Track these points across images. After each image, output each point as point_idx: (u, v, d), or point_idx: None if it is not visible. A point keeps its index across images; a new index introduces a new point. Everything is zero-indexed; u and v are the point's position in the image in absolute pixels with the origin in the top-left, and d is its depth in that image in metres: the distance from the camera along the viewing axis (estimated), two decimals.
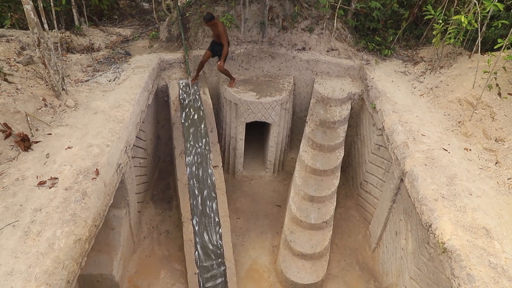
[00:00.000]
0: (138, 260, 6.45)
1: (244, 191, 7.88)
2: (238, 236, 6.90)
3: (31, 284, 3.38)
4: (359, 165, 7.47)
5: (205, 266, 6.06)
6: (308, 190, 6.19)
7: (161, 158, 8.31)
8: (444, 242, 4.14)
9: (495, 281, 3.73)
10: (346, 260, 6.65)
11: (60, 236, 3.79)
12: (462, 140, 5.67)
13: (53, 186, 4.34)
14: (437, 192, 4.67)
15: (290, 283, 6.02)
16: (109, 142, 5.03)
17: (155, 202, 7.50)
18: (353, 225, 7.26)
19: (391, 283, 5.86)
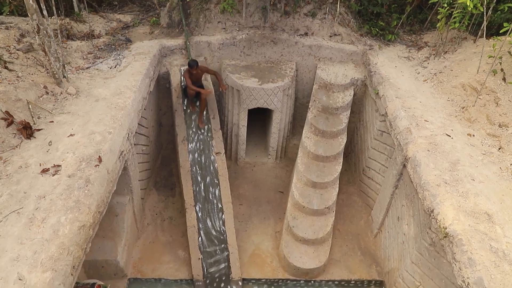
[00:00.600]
0: (142, 246, 6.52)
1: (246, 177, 7.91)
2: (241, 222, 6.96)
3: (37, 270, 3.43)
4: (362, 151, 7.46)
5: (209, 252, 6.13)
6: (310, 176, 6.20)
7: (164, 145, 8.33)
8: (446, 227, 4.16)
9: (496, 265, 3.75)
10: (348, 245, 6.70)
11: (65, 223, 3.83)
12: (466, 126, 5.64)
13: (56, 173, 4.36)
14: (440, 177, 4.66)
15: (293, 268, 6.09)
16: (111, 129, 5.03)
17: (158, 189, 7.54)
18: (355, 211, 7.29)
19: (392, 267, 5.91)
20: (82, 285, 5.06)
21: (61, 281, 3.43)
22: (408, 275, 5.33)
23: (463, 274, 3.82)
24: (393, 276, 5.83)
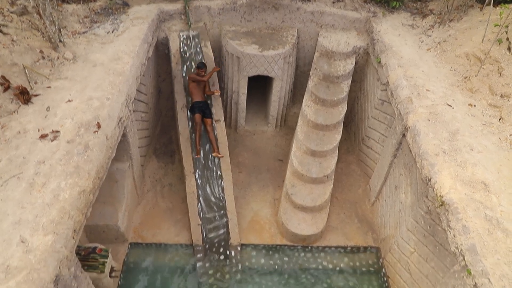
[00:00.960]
0: (142, 212, 6.63)
1: (246, 145, 7.92)
2: (240, 189, 7.03)
3: (38, 233, 3.49)
4: (362, 120, 7.43)
5: (208, 218, 6.23)
6: (310, 144, 6.21)
7: (163, 112, 8.28)
8: (442, 196, 4.21)
9: (489, 233, 3.82)
10: (345, 213, 6.80)
11: (65, 188, 3.86)
12: (467, 96, 5.59)
13: (55, 139, 4.36)
14: (439, 147, 4.67)
15: (291, 234, 6.21)
16: (109, 95, 4.98)
17: (157, 156, 7.57)
18: (354, 180, 7.36)
19: (388, 234, 6.03)
20: (84, 248, 5.18)
21: (63, 244, 3.50)
22: (403, 242, 5.45)
23: (457, 241, 3.90)
24: (389, 243, 5.96)
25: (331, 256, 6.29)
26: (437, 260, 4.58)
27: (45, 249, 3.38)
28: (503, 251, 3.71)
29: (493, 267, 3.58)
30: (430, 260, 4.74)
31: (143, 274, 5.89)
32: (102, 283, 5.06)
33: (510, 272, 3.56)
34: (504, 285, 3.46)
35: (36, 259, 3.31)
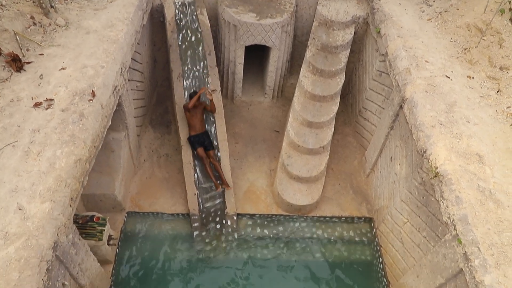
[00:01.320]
0: (139, 181, 6.66)
1: (242, 116, 7.89)
2: (237, 160, 7.06)
3: (36, 201, 3.51)
4: (359, 92, 7.38)
5: (204, 188, 6.28)
6: (306, 115, 6.19)
7: (159, 82, 8.17)
8: (437, 167, 4.25)
9: (481, 203, 3.89)
10: (340, 184, 6.88)
11: (60, 156, 3.86)
12: (466, 68, 5.53)
13: (49, 107, 4.31)
14: (435, 119, 4.67)
15: (286, 204, 6.29)
16: (103, 63, 4.89)
17: (154, 127, 7.54)
18: (350, 151, 7.39)
19: (382, 205, 6.13)
20: (82, 217, 5.23)
21: (60, 212, 3.53)
22: (396, 212, 5.54)
23: (449, 211, 3.97)
24: (382, 214, 6.06)
25: (325, 226, 6.41)
26: (429, 230, 4.68)
27: (43, 216, 3.41)
28: (493, 221, 3.79)
29: (483, 237, 3.67)
30: (422, 230, 4.84)
31: (140, 242, 6.00)
32: (101, 251, 5.15)
33: (499, 241, 3.65)
34: (493, 253, 3.55)
35: (34, 226, 3.34)
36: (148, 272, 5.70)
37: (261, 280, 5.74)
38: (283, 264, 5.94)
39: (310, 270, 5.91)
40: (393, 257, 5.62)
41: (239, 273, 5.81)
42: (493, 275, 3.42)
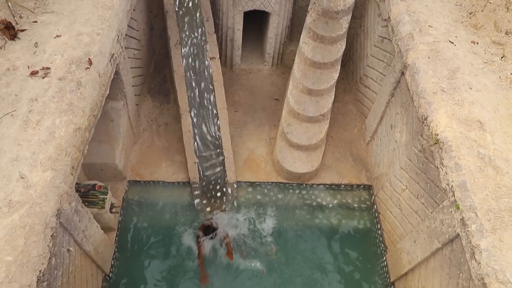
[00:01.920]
0: (139, 151, 6.68)
1: (242, 84, 7.80)
2: (236, 128, 7.05)
3: (37, 169, 3.53)
4: (360, 59, 7.26)
5: (204, 156, 6.30)
6: (306, 83, 6.10)
7: (156, 50, 8.02)
8: (437, 134, 4.24)
9: (481, 170, 3.91)
10: (340, 152, 6.90)
11: (60, 125, 3.84)
12: (471, 33, 5.41)
13: (46, 76, 4.25)
14: (437, 85, 4.61)
15: (286, 172, 6.34)
16: (99, 31, 4.77)
17: (152, 95, 7.47)
18: (350, 119, 7.37)
19: (381, 173, 6.17)
20: (84, 186, 5.28)
21: (62, 180, 3.55)
22: (395, 179, 5.59)
23: (448, 178, 4.00)
24: (381, 181, 6.12)
25: (324, 193, 6.48)
26: (428, 197, 4.74)
27: (45, 185, 3.43)
28: (492, 187, 3.82)
29: (481, 202, 3.71)
30: (420, 197, 4.90)
31: (142, 210, 6.09)
32: (103, 218, 5.23)
33: (497, 206, 3.70)
34: (490, 219, 3.61)
35: (37, 194, 3.37)
36: (151, 239, 5.83)
37: (261, 245, 5.87)
38: (283, 231, 6.06)
39: (309, 236, 6.04)
40: (391, 223, 5.73)
41: (239, 240, 5.93)
42: (489, 239, 3.49)
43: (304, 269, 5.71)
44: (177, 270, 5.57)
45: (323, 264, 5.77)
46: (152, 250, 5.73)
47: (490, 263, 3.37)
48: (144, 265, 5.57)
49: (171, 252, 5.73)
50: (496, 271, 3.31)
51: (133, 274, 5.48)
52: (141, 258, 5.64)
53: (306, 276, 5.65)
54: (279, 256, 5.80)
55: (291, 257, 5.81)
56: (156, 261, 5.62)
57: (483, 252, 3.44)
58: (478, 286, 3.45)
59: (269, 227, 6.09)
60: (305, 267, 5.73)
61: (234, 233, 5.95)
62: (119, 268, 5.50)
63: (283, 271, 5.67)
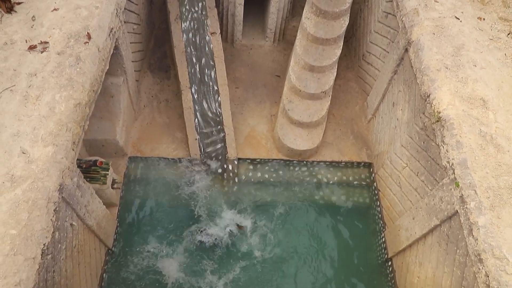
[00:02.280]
0: (140, 127, 6.67)
1: (243, 60, 7.71)
2: (237, 105, 7.01)
3: (38, 144, 3.53)
4: (363, 35, 7.14)
5: (205, 133, 6.30)
6: (308, 59, 6.02)
7: (156, 25, 7.88)
8: (439, 112, 4.22)
9: (482, 148, 3.91)
10: (341, 130, 6.89)
11: (60, 100, 3.82)
12: (477, 8, 5.30)
13: (44, 50, 4.19)
14: (441, 62, 4.55)
15: (287, 149, 6.35)
16: (97, 4, 4.68)
17: (152, 72, 7.39)
18: (351, 97, 7.32)
19: (382, 150, 6.18)
20: (85, 162, 5.29)
21: (64, 155, 3.56)
22: (396, 157, 5.60)
23: (449, 155, 4.00)
24: (382, 159, 6.13)
25: (325, 170, 6.51)
26: (427, 174, 4.75)
27: (47, 160, 3.44)
28: (492, 165, 3.83)
29: (480, 180, 3.73)
30: (420, 174, 4.92)
31: (143, 186, 6.13)
32: (105, 194, 5.27)
33: (496, 184, 3.72)
34: (489, 196, 3.64)
35: (39, 169, 3.39)
36: (152, 214, 5.90)
37: (261, 222, 5.95)
38: (283, 208, 6.12)
39: (309, 213, 6.11)
40: (391, 200, 5.78)
41: (240, 216, 6.01)
42: (487, 216, 3.52)
43: (303, 245, 5.81)
44: (178, 243, 5.67)
45: (322, 240, 5.86)
46: (153, 224, 5.81)
47: (487, 239, 3.42)
48: (146, 239, 5.66)
49: (172, 226, 5.81)
50: (492, 247, 3.36)
51: (136, 248, 5.58)
52: (143, 232, 5.73)
53: (304, 252, 5.75)
54: (278, 233, 5.88)
55: (290, 233, 5.90)
56: (158, 235, 5.71)
57: (480, 228, 3.48)
58: (475, 261, 3.51)
59: (269, 204, 6.15)
60: (303, 243, 5.82)
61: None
62: (121, 243, 5.59)
63: (281, 248, 5.76)
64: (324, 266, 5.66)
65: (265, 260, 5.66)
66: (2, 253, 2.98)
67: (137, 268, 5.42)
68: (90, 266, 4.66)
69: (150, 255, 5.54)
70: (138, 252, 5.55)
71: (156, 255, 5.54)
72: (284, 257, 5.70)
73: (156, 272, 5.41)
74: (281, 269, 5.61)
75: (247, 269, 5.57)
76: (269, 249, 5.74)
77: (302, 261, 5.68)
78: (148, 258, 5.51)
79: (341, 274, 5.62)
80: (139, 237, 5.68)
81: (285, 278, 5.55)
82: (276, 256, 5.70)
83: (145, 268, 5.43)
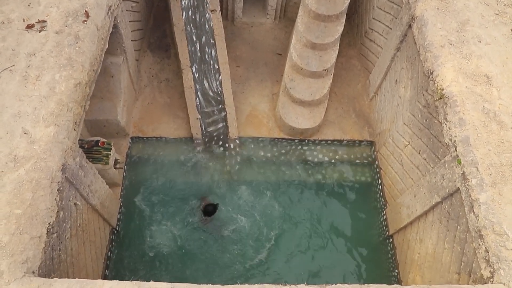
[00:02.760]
0: (141, 107, 6.65)
1: (244, 38, 7.61)
2: (238, 84, 6.96)
3: (40, 125, 3.53)
4: (366, 11, 7.01)
5: (206, 112, 6.28)
6: (310, 36, 5.93)
7: (155, 3, 7.75)
8: (443, 89, 4.18)
9: (485, 125, 3.89)
10: (343, 108, 6.85)
11: (60, 80, 3.79)
12: None
13: (42, 29, 4.14)
14: (445, 38, 4.48)
15: (288, 127, 6.33)
16: None
17: (152, 51, 7.31)
18: (354, 75, 7.25)
19: (384, 129, 6.16)
20: (87, 142, 5.31)
21: (65, 135, 3.56)
22: (398, 135, 5.59)
23: (452, 133, 3.99)
24: (384, 137, 6.12)
25: (327, 149, 6.51)
26: (430, 152, 4.75)
27: (49, 140, 3.45)
28: (494, 142, 3.82)
29: (482, 157, 3.72)
30: (422, 152, 4.92)
31: (145, 166, 6.16)
32: (108, 174, 5.30)
33: (498, 161, 3.71)
34: (490, 173, 3.64)
35: (41, 149, 3.40)
36: (155, 193, 5.95)
37: (263, 201, 6.00)
38: (285, 186, 6.16)
39: (310, 191, 6.14)
40: (392, 178, 5.80)
41: (242, 194, 6.05)
42: (489, 193, 3.53)
43: (304, 223, 5.87)
44: (180, 222, 5.74)
45: (323, 217, 5.91)
46: (156, 203, 5.86)
47: (488, 216, 3.44)
48: (149, 218, 5.73)
49: (175, 205, 5.87)
50: (493, 224, 3.39)
51: (139, 227, 5.66)
52: (146, 211, 5.79)
53: (306, 230, 5.81)
54: (279, 210, 5.93)
55: (292, 211, 5.95)
56: (160, 214, 5.78)
57: (482, 205, 3.50)
58: (475, 237, 3.55)
59: (271, 182, 6.18)
60: (305, 221, 5.88)
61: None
62: (125, 222, 5.67)
63: (282, 226, 5.82)
64: (325, 243, 5.73)
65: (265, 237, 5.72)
66: (8, 232, 3.02)
67: (141, 246, 5.51)
68: (95, 244, 4.73)
69: (154, 233, 5.62)
70: (142, 230, 5.63)
71: (160, 233, 5.62)
72: (284, 235, 5.75)
73: (160, 249, 5.50)
74: (280, 245, 5.68)
75: (248, 246, 5.65)
76: (269, 227, 5.79)
77: (302, 238, 5.74)
78: (152, 236, 5.59)
79: (341, 251, 5.69)
80: (142, 216, 5.75)
81: (284, 256, 5.61)
82: (276, 234, 5.75)
83: (149, 246, 5.52)
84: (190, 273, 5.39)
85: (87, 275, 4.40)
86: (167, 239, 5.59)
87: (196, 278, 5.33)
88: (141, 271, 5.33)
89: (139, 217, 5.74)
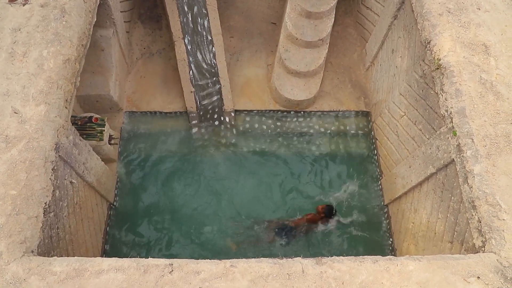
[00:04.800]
0: (134, 81, 6.53)
1: (237, 7, 7.38)
2: (232, 55, 6.82)
3: (30, 103, 3.46)
4: None
5: (201, 85, 6.18)
6: (305, 5, 5.76)
7: None
8: (440, 59, 4.10)
9: (481, 96, 3.86)
10: (339, 78, 6.76)
11: (48, 57, 3.68)
12: None
13: (26, 2, 3.98)
14: (443, 6, 4.36)
15: (284, 99, 6.27)
16: None
17: (143, 22, 7.09)
18: (350, 44, 7.10)
19: (380, 99, 6.11)
20: (80, 118, 5.24)
21: (57, 114, 3.51)
22: (394, 106, 5.55)
23: (448, 104, 3.96)
24: (380, 107, 6.08)
25: (322, 120, 6.48)
26: (425, 123, 4.74)
27: (40, 119, 3.39)
28: (490, 113, 3.80)
29: (478, 129, 3.71)
30: (418, 123, 4.90)
31: (140, 141, 6.12)
32: (103, 150, 5.27)
33: (493, 132, 3.71)
34: (485, 144, 3.64)
35: (33, 128, 3.35)
36: (151, 168, 5.95)
37: (260, 172, 6.03)
38: (281, 158, 6.17)
39: (307, 162, 6.16)
40: (388, 149, 5.81)
41: (238, 167, 6.06)
42: (483, 164, 3.55)
43: (301, 193, 5.92)
44: (176, 194, 5.77)
45: (320, 189, 5.97)
46: (153, 177, 5.88)
47: (482, 187, 3.47)
48: (146, 192, 5.76)
49: (171, 178, 5.89)
50: (486, 194, 3.42)
51: (137, 201, 5.70)
52: (143, 185, 5.81)
53: (302, 200, 5.87)
54: (277, 178, 5.96)
55: (289, 183, 5.99)
56: (157, 187, 5.81)
57: (476, 176, 3.52)
58: (468, 208, 3.60)
59: (268, 154, 6.18)
60: (302, 191, 5.93)
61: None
62: (122, 197, 5.70)
63: (280, 195, 5.88)
64: None
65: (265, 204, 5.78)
66: (4, 213, 3.02)
67: (139, 220, 5.57)
68: (94, 221, 4.78)
69: (152, 206, 5.66)
70: (140, 204, 5.67)
71: (158, 206, 5.67)
72: (282, 203, 5.81)
73: (159, 223, 5.57)
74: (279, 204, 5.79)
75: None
76: (268, 194, 5.84)
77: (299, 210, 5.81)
78: (149, 209, 5.64)
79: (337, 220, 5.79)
80: (140, 190, 5.77)
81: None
82: (274, 202, 5.81)
83: (148, 219, 5.58)
84: (190, 235, 5.48)
85: (87, 251, 4.47)
86: (165, 211, 5.64)
87: (199, 246, 5.43)
88: (141, 244, 5.42)
89: (136, 191, 5.76)
